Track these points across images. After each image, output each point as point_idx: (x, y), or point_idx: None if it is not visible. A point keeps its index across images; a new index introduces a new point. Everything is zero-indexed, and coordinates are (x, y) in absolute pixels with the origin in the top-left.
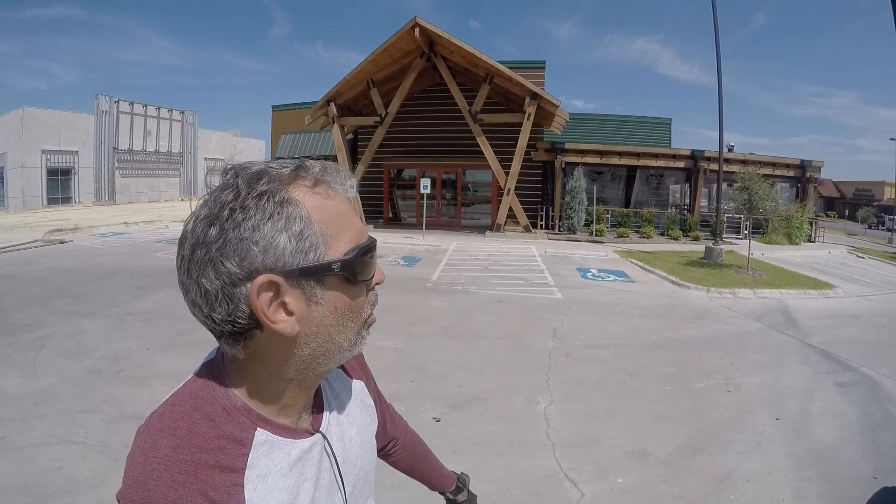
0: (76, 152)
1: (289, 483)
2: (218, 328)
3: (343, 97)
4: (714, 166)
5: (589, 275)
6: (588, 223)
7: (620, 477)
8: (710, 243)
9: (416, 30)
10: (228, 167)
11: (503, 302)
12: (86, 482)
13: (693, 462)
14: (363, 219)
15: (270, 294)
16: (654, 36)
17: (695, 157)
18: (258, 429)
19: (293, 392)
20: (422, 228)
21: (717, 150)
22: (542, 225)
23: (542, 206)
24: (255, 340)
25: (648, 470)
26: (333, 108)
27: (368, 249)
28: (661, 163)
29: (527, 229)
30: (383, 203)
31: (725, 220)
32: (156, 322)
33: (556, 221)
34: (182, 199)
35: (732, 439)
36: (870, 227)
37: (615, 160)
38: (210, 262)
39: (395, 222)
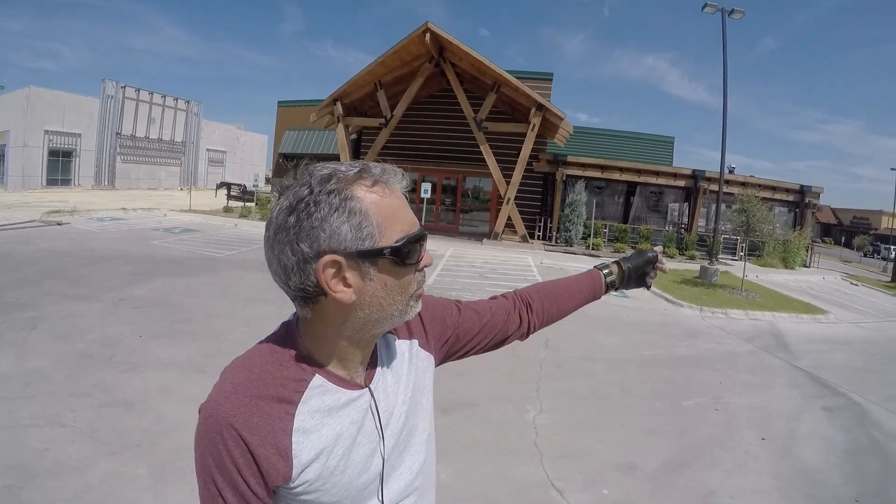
0: (79, 135)
1: (333, 421)
2: (292, 293)
3: (350, 97)
4: (714, 187)
5: None
6: (585, 237)
7: (606, 488)
8: (705, 263)
9: (427, 34)
10: (304, 168)
11: None
12: (72, 465)
13: (679, 478)
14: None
15: (333, 270)
16: (662, 54)
17: (695, 176)
18: (316, 375)
19: (349, 348)
20: None
21: (718, 171)
22: (539, 236)
23: (541, 216)
24: (320, 304)
25: (635, 483)
26: (339, 108)
27: (417, 238)
28: (661, 181)
29: (524, 239)
30: None
31: (722, 240)
32: (151, 309)
33: (554, 233)
34: (182, 189)
35: (719, 457)
36: (865, 255)
37: (616, 175)
38: (288, 244)
39: None
